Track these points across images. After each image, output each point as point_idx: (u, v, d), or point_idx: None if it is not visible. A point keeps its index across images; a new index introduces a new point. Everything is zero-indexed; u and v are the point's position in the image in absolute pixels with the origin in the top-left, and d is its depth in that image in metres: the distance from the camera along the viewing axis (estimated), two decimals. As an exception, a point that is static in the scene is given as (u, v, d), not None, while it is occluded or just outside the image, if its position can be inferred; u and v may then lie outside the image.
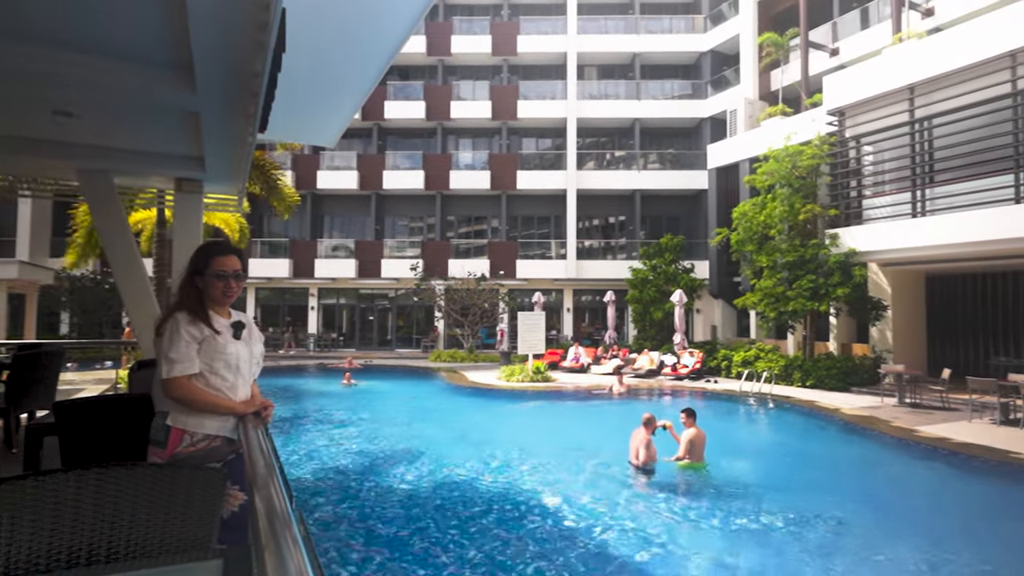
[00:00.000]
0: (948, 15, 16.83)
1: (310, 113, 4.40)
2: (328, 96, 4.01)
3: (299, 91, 3.66)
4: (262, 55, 2.40)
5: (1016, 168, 11.92)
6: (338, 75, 3.64)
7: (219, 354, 2.27)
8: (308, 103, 4.11)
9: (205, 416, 2.24)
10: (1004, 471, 7.86)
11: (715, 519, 6.27)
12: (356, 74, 3.60)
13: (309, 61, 3.22)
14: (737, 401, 14.08)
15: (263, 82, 2.61)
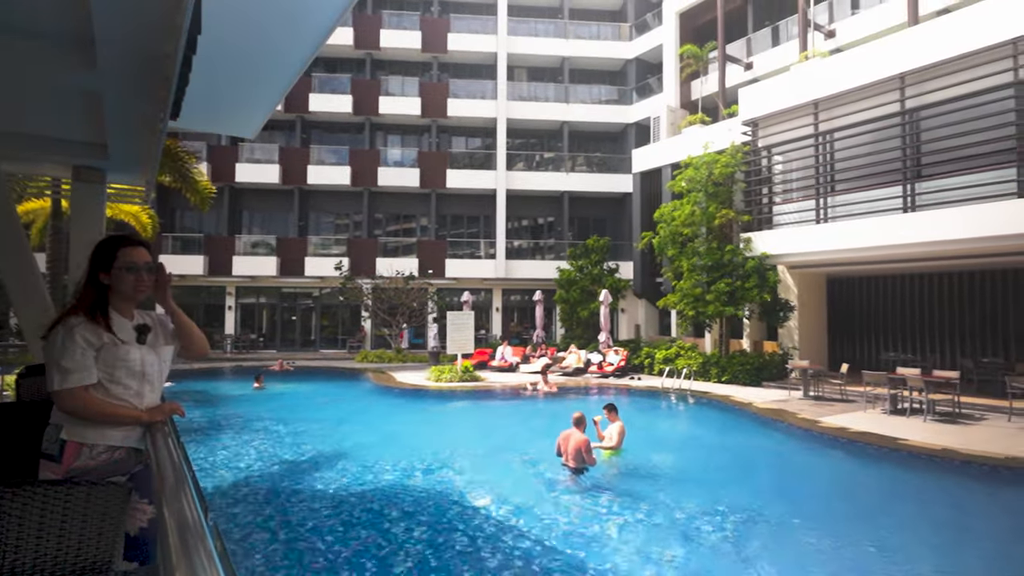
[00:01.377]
0: (847, 37, 18.25)
1: (229, 101, 4.16)
2: (248, 84, 3.80)
3: (217, 77, 3.44)
4: (175, 35, 2.22)
5: (904, 180, 13.08)
6: (259, 63, 3.45)
7: (120, 361, 2.08)
8: (227, 91, 3.87)
9: (107, 427, 2.05)
10: (893, 457, 8.60)
11: (639, 511, 6.47)
12: (279, 63, 3.42)
13: (228, 46, 3.03)
14: (659, 397, 14.62)
15: (176, 65, 2.43)
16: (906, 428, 9.90)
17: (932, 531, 6.09)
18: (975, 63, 11.92)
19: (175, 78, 2.55)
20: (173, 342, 2.34)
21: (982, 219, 11.49)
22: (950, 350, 15.76)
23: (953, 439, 9.05)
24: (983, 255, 12.87)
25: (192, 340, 2.35)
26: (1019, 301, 14.66)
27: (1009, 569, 5.10)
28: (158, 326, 2.29)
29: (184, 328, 2.34)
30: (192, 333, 2.35)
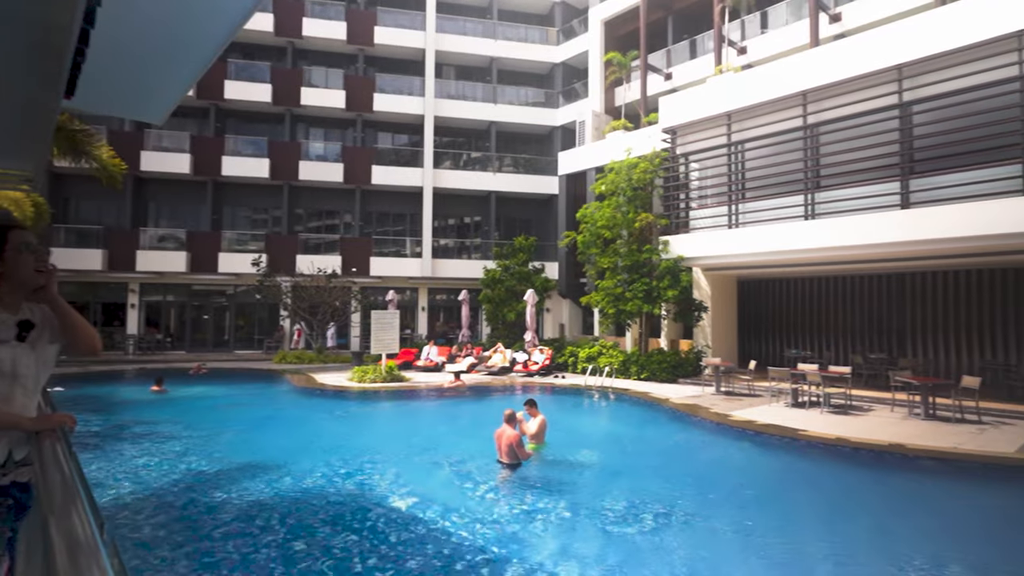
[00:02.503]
0: (757, 54, 19.46)
1: (134, 82, 3.84)
2: (157, 65, 3.53)
3: (121, 55, 3.18)
4: (69, 5, 2.03)
5: (805, 190, 14.10)
6: (169, 42, 3.21)
7: None
8: (131, 70, 3.58)
9: None
10: (794, 447, 9.25)
11: (563, 504, 6.59)
12: (191, 44, 3.20)
13: (133, 21, 2.81)
14: (582, 394, 14.97)
15: (70, 38, 2.22)
16: (805, 420, 10.67)
17: (826, 511, 6.60)
18: (866, 84, 13.03)
19: (69, 53, 2.34)
20: (59, 340, 2.12)
21: (870, 227, 12.59)
22: (844, 347, 17.15)
23: (845, 429, 9.85)
24: (870, 260, 14.10)
25: (77, 335, 2.12)
26: (901, 302, 16.17)
27: (887, 540, 5.62)
28: (46, 323, 2.07)
29: (66, 320, 2.10)
30: (76, 326, 2.12)
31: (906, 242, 12.11)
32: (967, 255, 12.77)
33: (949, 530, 6.04)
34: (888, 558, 5.23)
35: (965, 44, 11.48)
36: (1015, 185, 10.94)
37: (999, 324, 14.54)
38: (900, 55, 12.38)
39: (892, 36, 12.66)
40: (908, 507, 6.82)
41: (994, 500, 7.15)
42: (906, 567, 5.05)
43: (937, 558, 5.21)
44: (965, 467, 7.95)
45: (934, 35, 11.97)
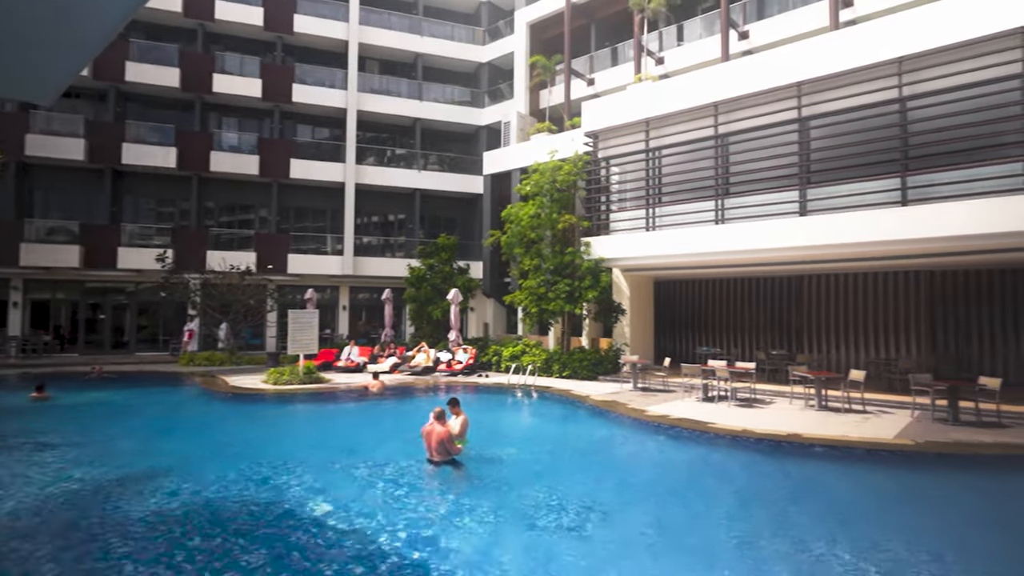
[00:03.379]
0: (674, 65, 20.36)
1: (18, 59, 3.50)
2: (45, 40, 3.23)
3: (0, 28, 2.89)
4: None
5: (716, 196, 14.93)
6: (59, 15, 2.96)
7: None
8: (14, 46, 3.26)
9: None
10: (703, 439, 9.78)
11: (486, 500, 6.64)
12: (84, 17, 2.96)
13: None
14: (506, 393, 15.11)
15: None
16: (715, 413, 11.31)
17: (731, 498, 7.03)
18: (769, 99, 13.98)
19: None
20: None
21: (773, 232, 13.52)
22: (749, 344, 18.29)
23: (750, 421, 10.53)
24: (773, 263, 15.13)
25: None
26: (800, 302, 17.45)
27: (785, 521, 6.07)
28: None
29: None
30: None
31: (803, 247, 13.10)
32: (856, 259, 13.99)
33: (838, 510, 6.59)
34: (788, 539, 5.65)
35: (855, 66, 12.56)
36: (894, 197, 12.10)
37: (881, 323, 16.01)
38: (799, 74, 13.37)
39: (792, 56, 13.65)
40: (803, 491, 7.39)
41: (876, 481, 7.88)
42: (802, 546, 5.47)
43: (829, 536, 5.68)
44: (852, 452, 8.71)
45: (827, 57, 13.02)
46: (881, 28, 12.43)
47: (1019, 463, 8.15)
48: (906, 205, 11.88)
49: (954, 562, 5.15)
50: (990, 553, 5.40)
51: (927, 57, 11.78)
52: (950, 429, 9.74)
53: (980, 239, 11.10)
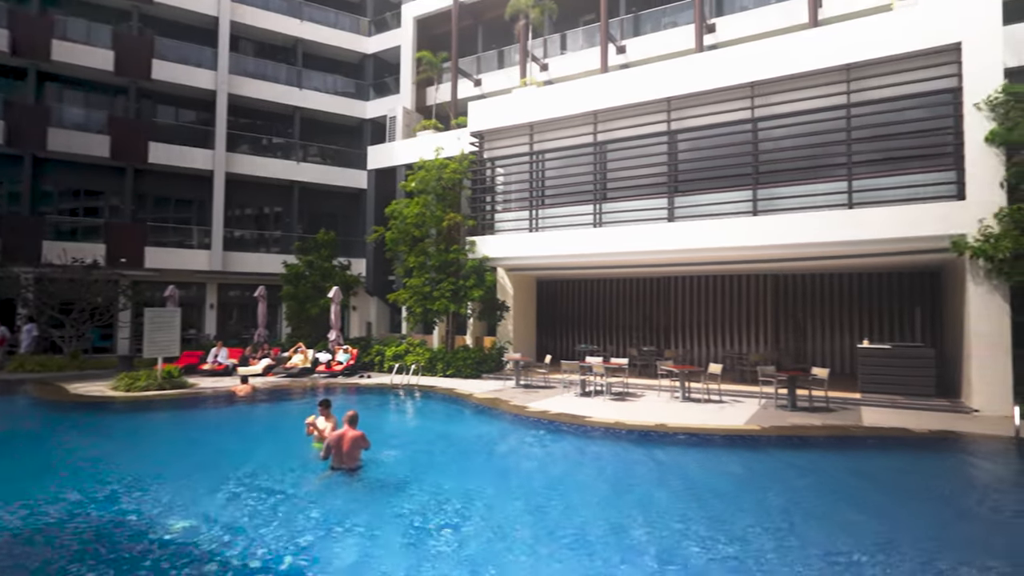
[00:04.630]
0: (558, 72, 21.10)
1: None
2: None
3: None
4: None
5: (594, 200, 15.69)
6: None
7: None
8: None
9: None
10: (580, 431, 10.25)
11: (365, 509, 6.47)
12: None
13: None
14: (389, 393, 14.82)
15: None
16: (591, 407, 11.88)
17: (603, 486, 7.44)
18: (642, 112, 14.94)
19: None
20: None
21: (644, 236, 14.49)
22: (623, 341, 19.43)
23: (622, 413, 11.19)
24: (644, 265, 16.20)
25: None
26: (667, 302, 18.83)
27: (651, 504, 6.54)
28: None
29: None
30: None
31: (671, 250, 14.18)
32: (715, 263, 15.35)
33: (697, 491, 7.21)
34: (653, 521, 6.08)
35: (716, 87, 13.79)
36: (747, 207, 13.44)
37: (735, 321, 17.72)
38: (668, 90, 14.42)
39: (662, 73, 14.69)
40: (667, 476, 7.99)
41: (729, 463, 8.71)
42: (664, 525, 5.91)
43: (686, 516, 6.19)
44: (710, 439, 9.55)
45: (692, 77, 14.17)
46: (737, 55, 13.76)
47: (841, 441, 9.40)
48: (756, 215, 13.25)
49: (789, 531, 5.83)
50: (819, 520, 6.17)
51: (773, 84, 13.23)
52: (789, 414, 11.01)
53: (812, 247, 12.70)
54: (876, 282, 15.95)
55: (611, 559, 5.17)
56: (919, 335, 14.68)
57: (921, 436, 9.43)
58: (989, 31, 11.17)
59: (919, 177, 11.90)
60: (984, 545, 5.63)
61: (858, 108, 12.46)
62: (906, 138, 12.14)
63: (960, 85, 11.41)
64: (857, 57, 12.27)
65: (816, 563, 5.07)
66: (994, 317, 10.96)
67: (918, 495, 7.23)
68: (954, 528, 6.09)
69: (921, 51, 11.76)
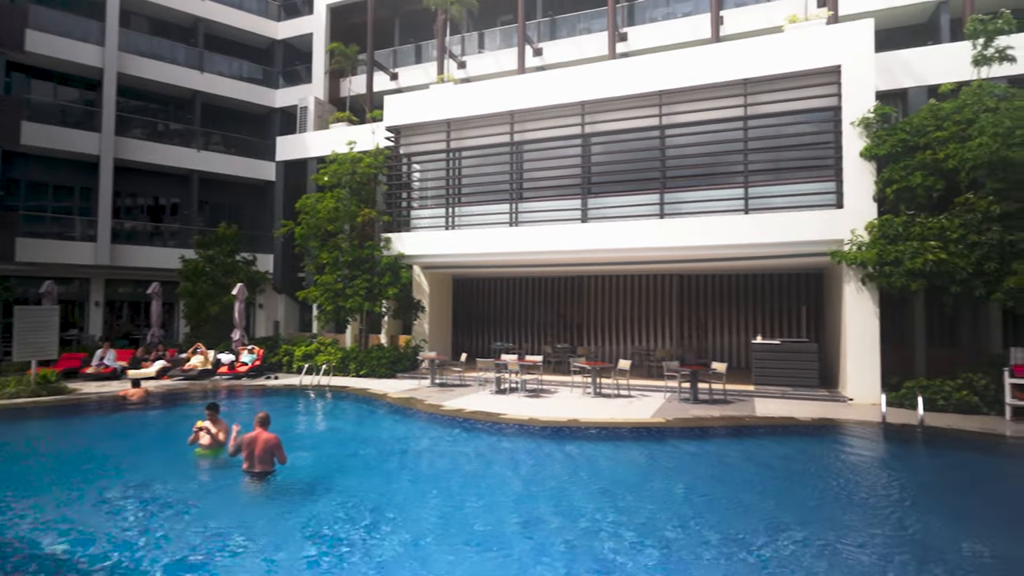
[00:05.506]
0: (475, 70, 21.12)
1: None
2: None
3: None
4: None
5: (511, 200, 15.86)
6: None
7: None
8: None
9: None
10: (495, 428, 10.34)
11: (270, 516, 6.19)
12: None
13: None
14: (297, 395, 14.25)
15: None
16: (506, 404, 12.01)
17: (517, 482, 7.55)
18: (560, 114, 15.27)
19: None
20: None
21: (559, 236, 14.83)
22: (538, 339, 19.78)
23: (536, 410, 11.40)
24: (559, 264, 16.58)
25: None
26: (580, 300, 19.38)
27: (563, 497, 6.72)
28: None
29: None
30: None
31: (584, 250, 14.61)
32: (626, 262, 15.97)
33: (605, 483, 7.48)
34: (564, 513, 6.25)
35: (627, 94, 14.35)
36: (655, 210, 14.09)
37: (644, 318, 18.54)
38: (583, 94, 14.84)
39: (577, 78, 15.09)
40: (579, 469, 8.23)
41: (635, 455, 9.11)
42: (575, 517, 6.09)
43: (597, 506, 6.42)
44: (619, 432, 9.95)
45: (605, 83, 14.66)
46: (647, 64, 14.39)
47: (737, 431, 10.08)
48: (663, 218, 13.93)
49: (691, 516, 6.20)
50: (717, 504, 6.59)
51: (680, 94, 13.95)
52: (691, 407, 11.66)
53: (713, 249, 13.53)
54: (768, 282, 17.23)
55: (524, 553, 5.26)
56: (805, 331, 16.01)
57: (805, 424, 10.31)
58: (863, 57, 12.37)
59: (806, 187, 12.99)
60: (854, 518, 6.25)
61: (754, 120, 13.41)
62: (795, 150, 13.21)
63: (840, 104, 12.57)
64: (753, 73, 13.20)
65: (714, 543, 5.42)
66: (865, 316, 12.17)
67: (802, 477, 7.90)
68: (831, 506, 6.71)
69: (807, 71, 12.83)
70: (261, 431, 7.29)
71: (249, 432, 7.33)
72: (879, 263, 11.69)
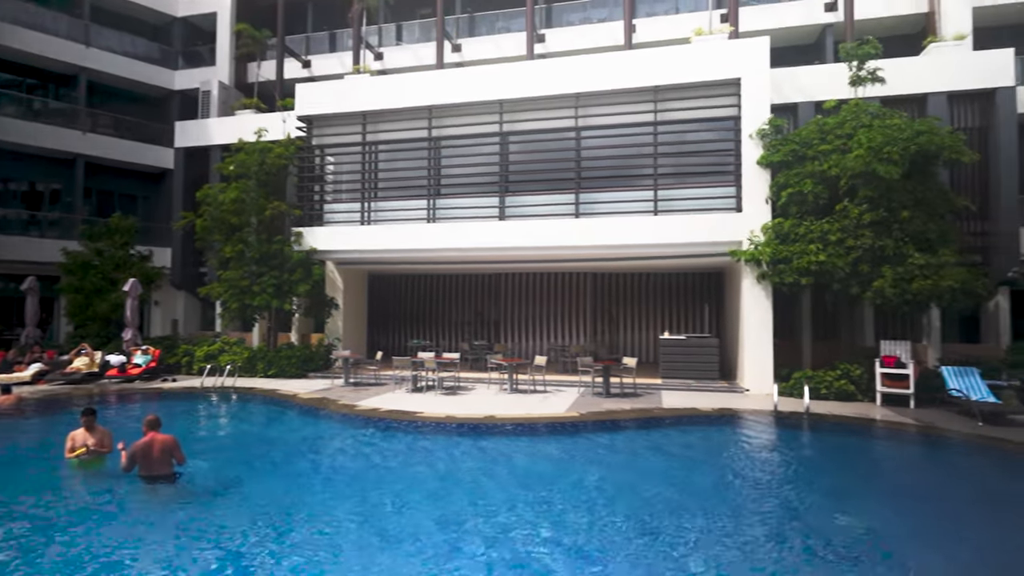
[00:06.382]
0: (393, 63, 20.72)
1: None
2: None
3: None
4: None
5: (429, 196, 15.71)
6: None
7: None
8: None
9: None
10: (412, 427, 10.22)
11: (166, 528, 5.78)
12: None
13: None
14: (199, 398, 13.41)
15: None
16: (422, 402, 11.90)
17: (432, 480, 7.51)
18: (478, 111, 15.30)
19: None
20: None
21: (476, 233, 14.88)
22: (456, 336, 19.75)
23: (453, 407, 11.39)
24: (477, 261, 16.61)
25: None
26: (498, 297, 19.54)
27: (479, 493, 6.77)
28: None
29: None
30: None
31: (502, 247, 14.73)
32: (543, 260, 16.27)
33: (521, 477, 7.61)
34: (480, 509, 6.29)
35: (545, 95, 14.62)
36: (570, 210, 14.45)
37: (560, 315, 18.99)
38: (501, 93, 14.94)
39: (496, 76, 15.17)
40: (495, 466, 8.30)
41: (550, 449, 9.32)
42: (492, 513, 6.15)
43: (512, 501, 6.52)
44: (535, 427, 10.13)
45: (524, 83, 14.85)
46: (564, 66, 14.71)
47: (646, 422, 10.57)
48: (578, 217, 14.32)
49: (602, 505, 6.44)
50: (626, 493, 6.88)
51: (595, 97, 14.39)
52: (603, 401, 12.09)
53: (625, 248, 14.09)
54: (675, 281, 18.15)
55: (439, 550, 5.25)
56: (707, 327, 17.02)
57: (707, 414, 10.98)
58: (760, 72, 13.31)
59: (710, 191, 13.81)
60: (749, 500, 6.74)
61: (663, 126, 14.08)
62: (700, 156, 14.01)
63: (739, 114, 13.45)
64: (663, 81, 13.85)
65: (623, 530, 5.67)
66: (760, 312, 13.12)
67: (702, 464, 8.41)
68: (727, 488, 7.20)
69: (712, 82, 13.63)
70: (154, 434, 6.84)
71: (140, 440, 6.82)
72: (773, 262, 12.65)
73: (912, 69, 14.04)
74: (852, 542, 5.52)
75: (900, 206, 11.59)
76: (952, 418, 10.51)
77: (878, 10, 16.87)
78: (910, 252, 11.45)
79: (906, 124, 11.80)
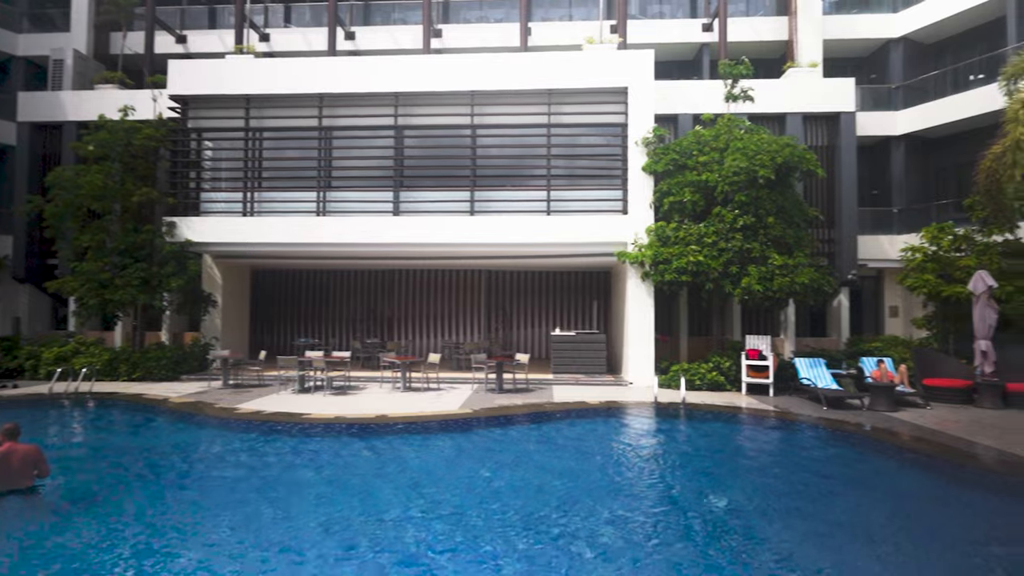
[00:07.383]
0: (280, 46, 19.63)
1: None
2: None
3: None
4: None
5: (319, 188, 15.06)
6: None
7: None
8: None
9: None
10: (297, 430, 9.76)
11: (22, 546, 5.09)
12: None
13: None
14: (46, 405, 11.92)
15: None
16: (310, 403, 11.41)
17: (320, 484, 7.23)
18: (373, 103, 14.90)
19: None
20: None
21: (369, 228, 14.50)
22: (347, 334, 19.11)
23: (343, 407, 11.03)
24: (369, 257, 16.20)
25: None
26: (391, 294, 19.16)
27: (368, 494, 6.62)
28: None
29: None
30: None
31: (395, 243, 14.48)
32: (437, 257, 16.18)
33: (412, 476, 7.53)
34: (369, 510, 6.15)
35: (441, 90, 14.53)
36: (465, 207, 14.50)
37: (454, 312, 18.98)
38: (397, 85, 14.67)
39: (392, 68, 14.86)
40: (386, 466, 8.15)
41: (443, 446, 9.30)
42: (382, 514, 6.04)
43: (403, 501, 6.44)
44: (428, 425, 10.07)
45: (420, 77, 14.67)
46: (461, 63, 14.71)
47: (538, 416, 10.87)
48: (473, 215, 14.40)
49: (492, 499, 6.53)
50: (517, 487, 7.03)
51: (491, 96, 14.53)
52: (496, 397, 12.27)
53: (518, 246, 14.40)
54: (566, 279, 18.80)
55: (323, 556, 5.08)
56: (596, 324, 17.80)
57: (595, 407, 11.50)
58: (645, 82, 14.13)
59: (599, 193, 14.45)
60: (629, 483, 7.17)
61: (556, 128, 14.53)
62: (590, 159, 14.61)
63: (626, 122, 14.19)
64: (556, 85, 14.28)
65: (515, 523, 5.79)
66: (643, 310, 13.95)
67: (589, 455, 8.81)
68: (612, 476, 7.60)
69: (602, 89, 14.27)
70: (11, 444, 6.15)
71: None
72: (654, 262, 13.49)
73: (774, 90, 15.58)
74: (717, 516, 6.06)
75: (767, 213, 12.83)
76: (803, 404, 11.82)
77: (747, 34, 18.53)
78: (771, 254, 12.72)
79: (771, 139, 13.08)
